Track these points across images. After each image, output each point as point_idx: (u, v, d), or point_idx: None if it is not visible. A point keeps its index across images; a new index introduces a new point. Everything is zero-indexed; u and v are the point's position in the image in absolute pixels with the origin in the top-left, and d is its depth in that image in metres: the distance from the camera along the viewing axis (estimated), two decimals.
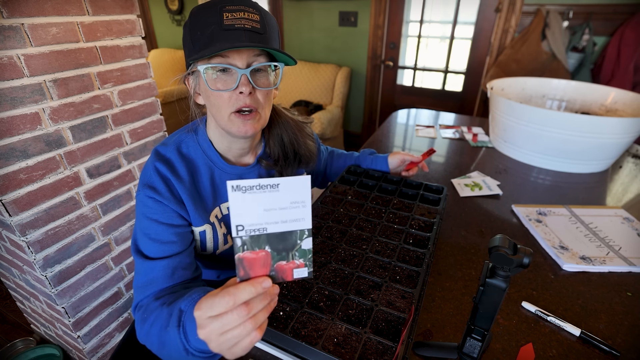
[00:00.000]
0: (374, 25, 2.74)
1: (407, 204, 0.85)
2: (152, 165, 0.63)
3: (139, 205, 0.62)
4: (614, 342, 0.58)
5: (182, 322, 0.47)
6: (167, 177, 0.62)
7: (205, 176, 0.68)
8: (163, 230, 0.61)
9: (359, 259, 0.66)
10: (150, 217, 0.61)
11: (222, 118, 0.61)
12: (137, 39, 1.16)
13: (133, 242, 0.63)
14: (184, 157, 0.66)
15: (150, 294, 0.58)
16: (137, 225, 0.63)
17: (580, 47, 2.06)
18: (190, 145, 0.67)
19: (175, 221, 0.63)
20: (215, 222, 0.70)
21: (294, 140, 0.76)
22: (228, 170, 0.70)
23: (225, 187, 0.70)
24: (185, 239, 0.64)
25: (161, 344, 0.51)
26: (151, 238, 0.61)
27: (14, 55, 0.86)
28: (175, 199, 0.63)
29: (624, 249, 0.79)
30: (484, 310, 0.49)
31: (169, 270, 0.59)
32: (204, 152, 0.68)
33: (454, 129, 1.54)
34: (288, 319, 0.53)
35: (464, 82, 2.69)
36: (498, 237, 0.45)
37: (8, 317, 1.59)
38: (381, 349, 0.49)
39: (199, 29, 0.56)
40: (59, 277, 1.06)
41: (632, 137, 1.10)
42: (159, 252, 0.60)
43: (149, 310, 0.55)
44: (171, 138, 0.68)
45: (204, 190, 0.68)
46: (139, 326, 0.56)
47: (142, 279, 0.59)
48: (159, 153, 0.65)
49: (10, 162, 0.89)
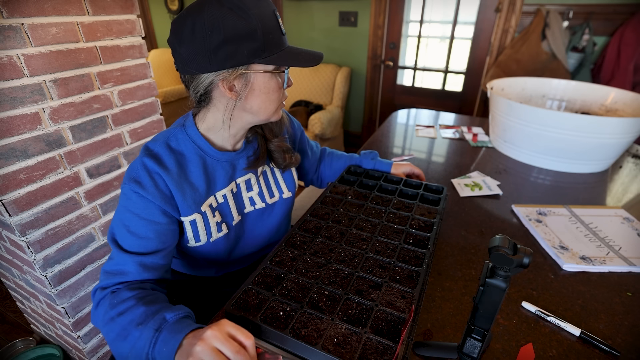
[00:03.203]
0: (374, 25, 2.74)
1: (407, 204, 0.85)
2: (140, 160, 0.64)
3: (123, 198, 0.63)
4: (614, 342, 0.58)
5: (161, 329, 0.50)
6: (154, 171, 0.63)
7: (197, 166, 0.69)
8: (143, 225, 0.62)
9: (359, 259, 0.66)
10: (132, 210, 0.62)
11: (271, 110, 0.67)
12: (137, 39, 1.16)
13: (110, 231, 0.64)
14: (173, 151, 0.67)
15: (117, 282, 0.60)
16: (118, 216, 0.63)
17: (580, 47, 2.06)
18: (179, 138, 0.68)
19: (157, 218, 0.63)
20: (207, 211, 0.70)
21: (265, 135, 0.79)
22: (219, 157, 0.71)
23: (218, 175, 0.71)
24: (163, 237, 0.64)
25: (121, 336, 0.52)
26: (130, 231, 0.62)
27: (14, 55, 0.86)
28: (161, 193, 0.63)
29: (624, 249, 0.79)
30: (484, 310, 0.49)
31: (140, 268, 0.61)
32: (194, 142, 0.69)
33: (454, 129, 1.54)
34: (288, 318, 0.53)
35: (464, 82, 2.69)
36: (498, 237, 0.45)
37: (8, 317, 1.59)
38: (381, 349, 0.49)
39: (259, 33, 0.57)
40: (59, 277, 1.06)
41: (632, 137, 1.10)
42: (134, 246, 0.62)
43: (119, 297, 0.57)
44: (161, 134, 0.70)
45: (196, 180, 0.68)
46: (100, 309, 0.58)
47: (113, 267, 0.61)
48: (147, 148, 0.66)
49: (10, 162, 0.89)
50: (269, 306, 0.55)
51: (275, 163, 0.81)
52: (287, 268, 0.63)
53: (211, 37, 0.55)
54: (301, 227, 0.75)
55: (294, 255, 0.67)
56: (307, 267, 0.64)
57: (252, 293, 0.58)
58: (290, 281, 0.60)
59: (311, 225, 0.76)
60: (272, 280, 0.61)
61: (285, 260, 0.65)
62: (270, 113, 0.67)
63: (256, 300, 0.57)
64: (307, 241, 0.71)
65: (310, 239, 0.71)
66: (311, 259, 0.66)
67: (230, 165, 0.73)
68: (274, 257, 0.66)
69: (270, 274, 0.62)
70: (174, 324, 0.51)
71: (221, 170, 0.72)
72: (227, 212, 0.74)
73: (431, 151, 1.33)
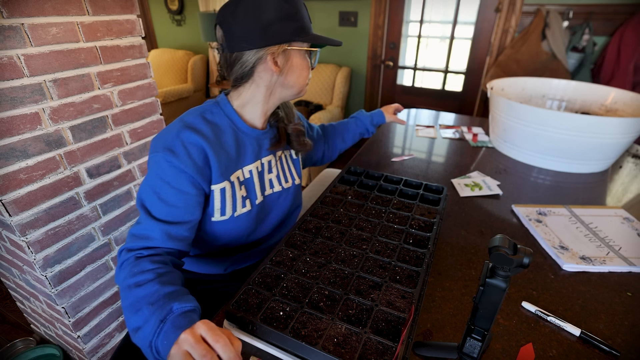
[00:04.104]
0: (374, 25, 2.74)
1: (407, 204, 0.85)
2: (175, 130, 0.67)
3: (154, 166, 0.66)
4: (614, 342, 0.58)
5: (165, 320, 0.51)
6: (188, 142, 0.66)
7: (230, 138, 0.73)
8: (172, 193, 0.65)
9: (359, 259, 0.66)
10: (164, 178, 0.65)
11: (302, 84, 0.75)
12: (137, 39, 1.16)
13: (139, 197, 0.67)
14: (208, 122, 0.71)
15: (142, 246, 0.63)
16: (148, 182, 0.66)
17: (580, 47, 2.06)
18: (214, 112, 0.74)
19: (186, 188, 0.66)
20: (235, 182, 0.74)
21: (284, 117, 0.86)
22: (249, 132, 0.77)
23: (247, 150, 0.77)
24: (191, 209, 0.67)
25: (134, 308, 0.54)
26: (160, 198, 0.65)
27: (13, 55, 0.86)
28: (194, 163, 0.66)
29: (624, 249, 0.79)
30: (484, 310, 0.49)
31: (165, 235, 0.63)
32: (228, 116, 0.75)
33: (454, 129, 1.54)
34: (288, 319, 0.53)
35: (464, 82, 2.69)
36: (498, 237, 0.45)
37: (8, 317, 1.59)
38: (381, 349, 0.49)
39: (299, 15, 0.68)
40: (59, 277, 1.06)
41: (632, 137, 1.10)
42: (162, 214, 0.64)
43: (140, 267, 0.58)
44: (194, 109, 0.74)
45: (229, 150, 0.73)
46: (122, 272, 0.60)
47: (140, 231, 0.64)
48: (182, 120, 0.70)
49: (10, 162, 0.89)
50: (269, 306, 0.55)
51: (292, 146, 0.87)
52: (287, 268, 0.63)
53: (262, 16, 0.65)
54: (301, 227, 0.75)
55: (294, 255, 0.67)
56: (307, 267, 0.64)
57: (252, 293, 0.58)
58: (290, 281, 0.60)
59: (311, 225, 0.76)
60: (272, 280, 0.61)
61: (285, 260, 0.65)
62: (302, 87, 0.76)
63: (256, 300, 0.57)
64: (307, 241, 0.71)
65: (310, 239, 0.71)
66: (311, 259, 0.66)
67: (257, 143, 0.79)
68: (274, 257, 0.66)
69: (270, 274, 0.62)
70: (178, 317, 0.52)
71: (249, 146, 0.77)
72: (251, 189, 0.78)
73: (431, 151, 1.33)
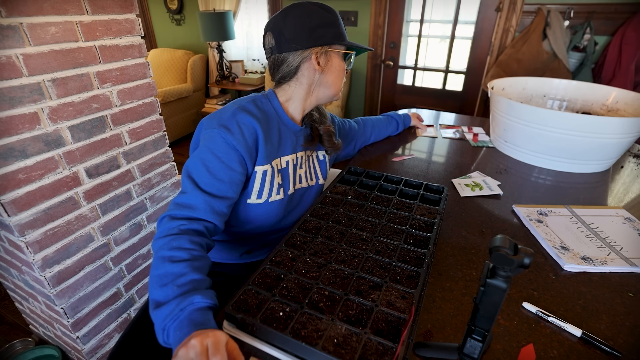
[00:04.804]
0: (374, 24, 2.74)
1: (408, 204, 0.84)
2: (231, 111, 0.75)
3: (207, 140, 0.72)
4: (615, 342, 0.58)
5: (184, 309, 0.53)
6: (242, 122, 0.73)
7: (275, 127, 0.81)
8: (221, 168, 0.71)
9: (359, 260, 0.65)
10: (216, 153, 0.71)
11: (338, 85, 0.85)
12: (136, 39, 1.15)
13: (186, 169, 0.72)
14: (260, 108, 0.79)
15: (186, 216, 0.66)
16: (199, 155, 0.71)
17: (581, 47, 2.05)
18: (263, 102, 0.82)
19: (234, 165, 0.72)
20: (275, 168, 0.81)
21: (318, 118, 0.94)
22: (290, 125, 0.85)
23: (287, 142, 0.84)
24: (234, 186, 0.73)
25: (162, 280, 0.56)
26: (209, 170, 0.70)
27: (12, 55, 0.86)
28: (245, 142, 0.73)
29: (625, 249, 0.78)
30: (484, 311, 0.48)
31: (208, 207, 0.68)
32: (274, 108, 0.83)
33: (455, 129, 1.54)
34: (288, 319, 0.53)
35: (464, 82, 2.69)
36: (498, 237, 0.44)
37: (7, 317, 1.59)
38: (381, 350, 0.49)
39: (337, 23, 0.79)
40: (57, 278, 1.05)
41: (633, 137, 1.10)
42: (209, 186, 0.69)
43: (178, 243, 0.61)
44: (246, 97, 0.82)
45: (273, 138, 0.80)
46: (160, 241, 0.62)
47: (184, 200, 0.68)
48: (237, 103, 0.78)
49: (8, 162, 0.89)
50: (268, 307, 0.55)
51: (323, 144, 0.93)
52: (287, 268, 0.63)
53: (310, 22, 0.76)
54: (301, 227, 0.75)
55: (294, 256, 0.66)
56: (307, 268, 0.63)
57: (251, 293, 0.58)
58: (290, 281, 0.60)
59: (311, 225, 0.76)
60: (272, 281, 0.61)
61: (285, 261, 0.65)
62: (338, 89, 0.86)
63: (256, 300, 0.57)
64: (307, 241, 0.70)
65: (310, 239, 0.71)
66: (311, 259, 0.65)
67: (295, 137, 0.86)
68: (273, 258, 0.66)
69: (270, 274, 0.62)
70: (196, 310, 0.53)
71: (288, 138, 0.84)
72: (286, 179, 0.84)
73: (431, 151, 1.33)
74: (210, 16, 2.93)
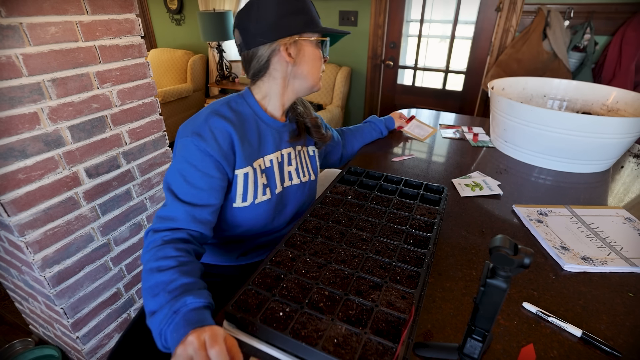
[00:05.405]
0: (374, 24, 2.74)
1: (408, 204, 0.84)
2: (204, 116, 0.72)
3: (182, 150, 0.70)
4: (615, 343, 0.58)
5: (178, 312, 0.53)
6: (215, 127, 0.71)
7: (253, 127, 0.79)
8: (198, 176, 0.69)
9: (359, 260, 0.65)
10: (190, 161, 0.69)
11: (316, 75, 0.81)
12: (136, 39, 1.15)
13: (166, 180, 0.71)
14: (234, 110, 0.77)
15: (168, 227, 0.67)
16: (175, 166, 0.70)
17: (582, 47, 2.05)
18: (238, 102, 0.79)
19: (211, 172, 0.70)
20: (257, 169, 0.79)
21: (303, 112, 0.92)
22: (270, 123, 0.82)
23: (268, 140, 0.81)
24: (214, 192, 0.71)
25: (153, 292, 0.57)
26: (186, 180, 0.69)
27: (12, 55, 0.86)
28: (220, 147, 0.71)
29: (625, 249, 0.78)
30: (484, 311, 0.48)
31: (189, 217, 0.67)
32: (250, 107, 0.80)
33: (455, 129, 1.53)
34: (288, 319, 0.53)
35: (464, 82, 2.69)
36: (499, 238, 0.44)
37: (6, 317, 1.59)
38: (381, 350, 0.49)
39: (306, 9, 0.76)
40: (57, 278, 1.05)
41: (633, 137, 1.10)
42: (188, 196, 0.68)
43: (164, 253, 0.61)
44: (221, 99, 0.79)
45: (252, 138, 0.78)
46: (147, 254, 0.62)
47: (166, 213, 0.68)
48: (211, 107, 0.75)
49: (8, 162, 0.89)
50: (268, 307, 0.55)
51: (312, 136, 0.92)
52: (287, 268, 0.63)
53: (273, 12, 0.72)
54: (301, 227, 0.75)
55: (294, 256, 0.66)
56: (307, 268, 0.63)
57: (251, 293, 0.58)
58: (290, 281, 0.60)
59: (311, 225, 0.76)
60: (272, 281, 0.61)
61: (285, 261, 0.65)
62: (316, 80, 0.81)
63: (256, 300, 0.57)
64: (307, 241, 0.70)
65: (310, 239, 0.71)
66: (311, 259, 0.65)
67: (277, 134, 0.84)
68: (273, 258, 0.66)
69: (270, 274, 0.62)
70: (190, 311, 0.53)
71: (270, 136, 0.82)
72: (272, 178, 0.82)
73: (431, 151, 1.33)
74: (210, 16, 2.93)
